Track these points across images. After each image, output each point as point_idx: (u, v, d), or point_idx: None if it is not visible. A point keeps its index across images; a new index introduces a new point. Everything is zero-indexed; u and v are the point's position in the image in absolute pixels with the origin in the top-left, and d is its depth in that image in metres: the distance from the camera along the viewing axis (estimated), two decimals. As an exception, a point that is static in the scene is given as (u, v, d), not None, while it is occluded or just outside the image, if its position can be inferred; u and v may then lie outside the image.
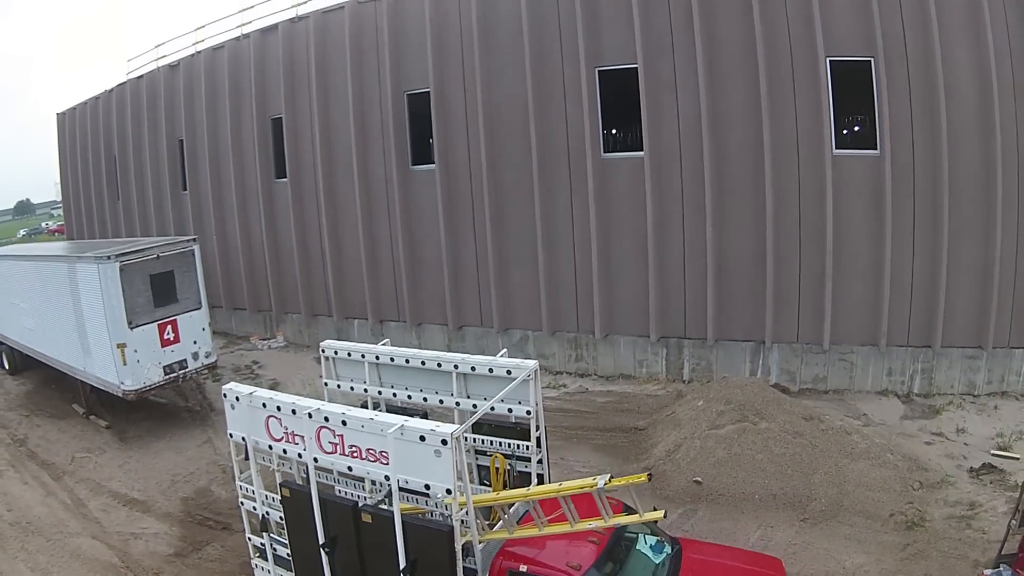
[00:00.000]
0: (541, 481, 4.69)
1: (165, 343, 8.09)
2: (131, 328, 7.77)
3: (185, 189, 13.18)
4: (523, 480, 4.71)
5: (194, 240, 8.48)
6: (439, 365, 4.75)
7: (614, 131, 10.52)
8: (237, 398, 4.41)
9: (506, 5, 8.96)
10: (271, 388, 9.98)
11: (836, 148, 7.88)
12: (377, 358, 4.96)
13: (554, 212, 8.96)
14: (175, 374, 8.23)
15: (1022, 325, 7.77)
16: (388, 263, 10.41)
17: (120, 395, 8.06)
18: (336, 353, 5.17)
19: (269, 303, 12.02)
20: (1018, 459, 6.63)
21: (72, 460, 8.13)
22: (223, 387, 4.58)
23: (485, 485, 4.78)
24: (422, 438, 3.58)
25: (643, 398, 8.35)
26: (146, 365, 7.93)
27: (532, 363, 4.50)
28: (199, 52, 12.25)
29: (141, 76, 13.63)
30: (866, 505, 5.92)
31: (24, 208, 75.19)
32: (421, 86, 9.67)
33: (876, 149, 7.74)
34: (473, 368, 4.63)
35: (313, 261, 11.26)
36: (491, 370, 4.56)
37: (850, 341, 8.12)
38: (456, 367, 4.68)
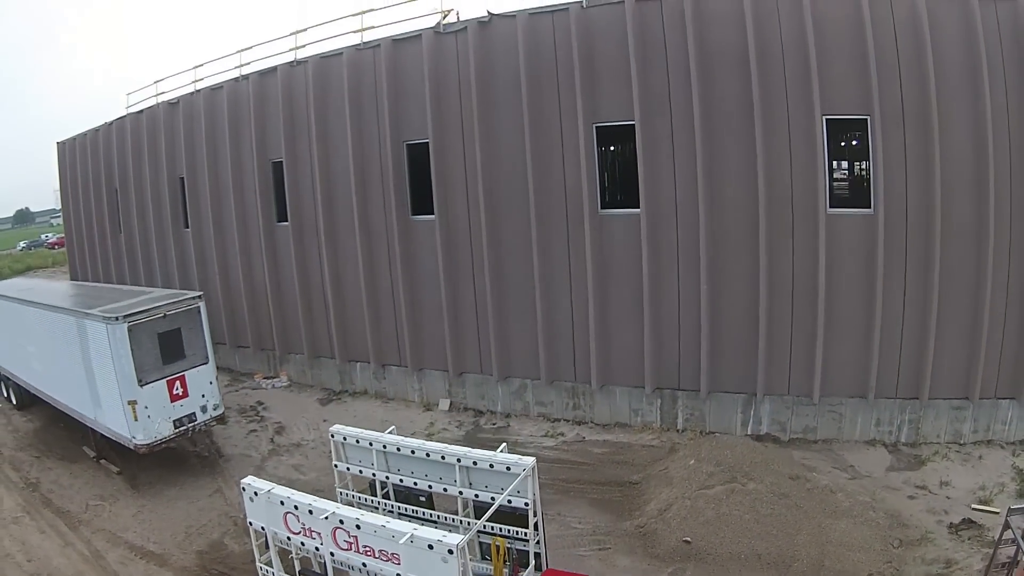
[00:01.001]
0: (539, 560, 5.21)
1: (174, 398, 8.58)
2: (141, 386, 8.25)
3: (187, 227, 13.59)
4: (521, 558, 5.22)
5: (200, 297, 8.93)
6: (443, 457, 5.24)
7: (610, 147, 10.68)
8: (256, 493, 4.90)
9: (504, 59, 9.30)
10: (276, 431, 10.58)
11: (830, 206, 8.27)
12: (384, 446, 5.45)
13: (552, 265, 9.40)
14: (185, 427, 8.73)
15: (1009, 377, 8.26)
16: (389, 309, 10.87)
17: (132, 448, 8.55)
18: (345, 439, 5.66)
19: (272, 342, 12.49)
20: (998, 513, 7.12)
21: (87, 508, 8.63)
22: (242, 480, 5.07)
23: (486, 560, 5.30)
24: (430, 546, 4.08)
25: (638, 449, 8.86)
26: (157, 420, 8.43)
27: (530, 460, 4.99)
28: (198, 91, 12.58)
29: (141, 111, 13.97)
30: (846, 565, 6.44)
31: (23, 217, 76.24)
32: (420, 136, 10.05)
33: (870, 208, 8.14)
34: (475, 462, 5.12)
35: (315, 304, 11.72)
36: (491, 465, 5.06)
37: (839, 393, 8.61)
38: (459, 460, 5.17)
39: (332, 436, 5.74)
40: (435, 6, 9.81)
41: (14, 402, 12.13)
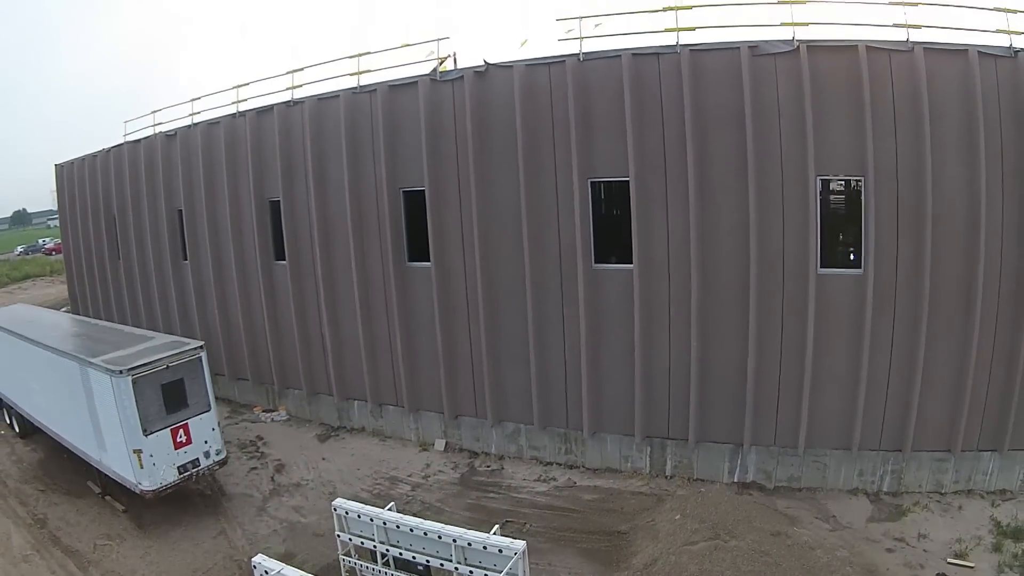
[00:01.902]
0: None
1: (178, 445, 9.06)
2: (146, 435, 8.73)
3: (186, 259, 13.95)
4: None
5: (201, 347, 9.35)
6: (440, 537, 5.72)
7: (605, 202, 10.90)
8: (267, 571, 5.40)
9: (501, 109, 9.55)
10: (276, 470, 11.05)
11: (821, 266, 8.60)
12: (385, 522, 5.94)
13: (545, 315, 9.79)
14: (189, 473, 9.23)
15: (992, 430, 8.67)
16: (386, 351, 11.28)
17: (138, 493, 9.05)
18: (347, 513, 6.15)
19: (271, 376, 12.92)
20: (972, 567, 7.63)
21: (95, 548, 9.12)
22: (253, 559, 5.57)
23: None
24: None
25: (627, 496, 9.35)
26: (161, 467, 8.92)
27: (521, 544, 5.47)
28: (195, 124, 12.84)
29: (139, 140, 14.24)
30: (821, 623, 6.97)
31: (21, 218, 77.26)
32: (417, 184, 10.36)
33: (860, 268, 8.48)
34: (470, 543, 5.61)
35: (313, 342, 12.13)
36: (485, 547, 5.55)
37: (824, 445, 9.06)
38: (455, 540, 5.66)
39: (335, 509, 6.22)
40: (431, 50, 10.07)
41: (17, 430, 12.59)
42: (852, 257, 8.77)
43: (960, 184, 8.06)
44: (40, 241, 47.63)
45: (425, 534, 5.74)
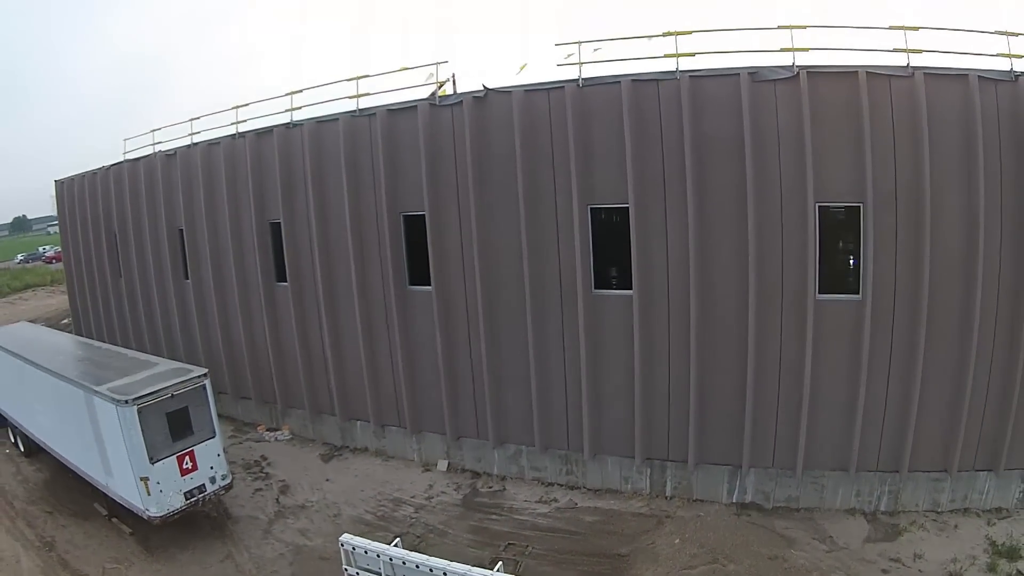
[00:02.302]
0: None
1: (184, 472, 9.24)
2: (152, 463, 8.90)
3: (187, 278, 14.08)
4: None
5: (205, 375, 9.51)
6: (445, 573, 5.92)
7: (604, 228, 10.96)
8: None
9: (500, 134, 9.63)
10: (280, 491, 11.25)
11: (820, 292, 8.72)
12: (391, 559, 6.14)
13: (546, 339, 9.93)
14: (195, 498, 9.42)
15: (988, 451, 8.84)
16: (388, 373, 11.43)
17: (145, 519, 9.25)
18: (355, 548, 6.35)
19: (274, 396, 13.08)
20: (965, 590, 7.83)
21: (103, 572, 9.30)
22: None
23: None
24: None
25: (628, 518, 9.54)
26: (168, 493, 9.09)
27: (520, 583, 5.67)
28: (195, 144, 12.92)
29: (138, 159, 14.32)
30: (816, 647, 7.18)
31: (21, 225, 77.55)
32: (417, 208, 10.46)
33: (858, 294, 8.61)
34: (473, 581, 5.82)
35: (316, 363, 12.27)
36: (487, 584, 5.76)
37: (822, 467, 9.24)
38: (458, 578, 5.87)
39: (343, 545, 6.42)
40: (431, 73, 10.13)
41: (22, 449, 12.77)
42: (851, 264, 8.86)
43: (959, 209, 8.17)
44: (40, 249, 47.71)
45: (431, 570, 5.94)
